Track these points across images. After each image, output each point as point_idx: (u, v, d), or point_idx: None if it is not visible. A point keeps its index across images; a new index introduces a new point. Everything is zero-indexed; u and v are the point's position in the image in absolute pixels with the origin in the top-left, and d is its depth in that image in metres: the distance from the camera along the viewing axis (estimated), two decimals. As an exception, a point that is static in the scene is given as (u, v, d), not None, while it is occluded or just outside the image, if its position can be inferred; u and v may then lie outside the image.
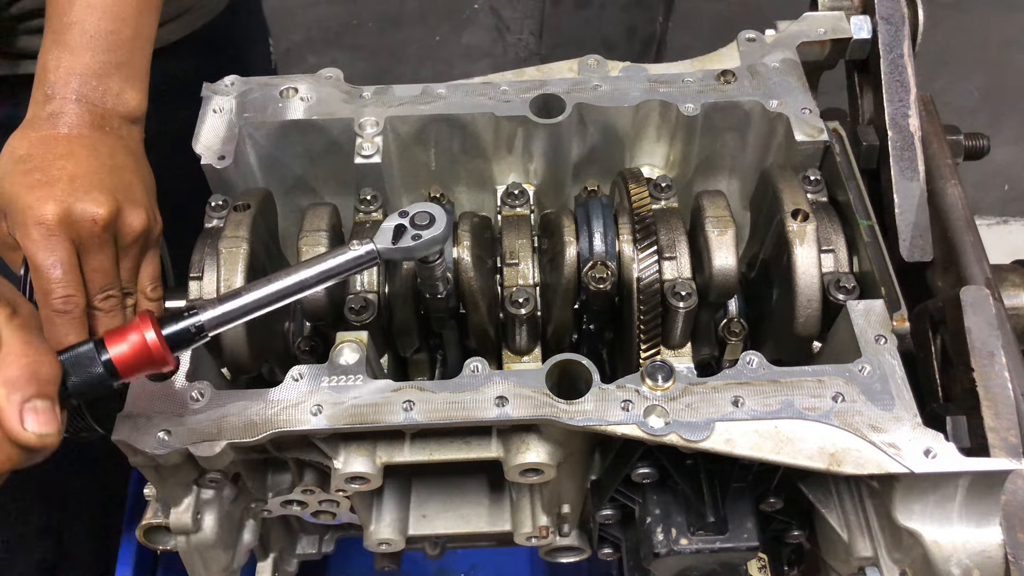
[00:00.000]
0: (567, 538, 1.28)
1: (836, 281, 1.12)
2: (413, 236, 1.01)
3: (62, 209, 1.02)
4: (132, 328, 0.88)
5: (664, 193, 1.21)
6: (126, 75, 1.14)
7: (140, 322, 0.89)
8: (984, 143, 1.41)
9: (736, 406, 0.99)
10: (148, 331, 0.88)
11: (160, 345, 0.88)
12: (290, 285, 0.95)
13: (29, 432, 0.78)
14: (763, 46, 1.35)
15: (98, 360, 0.86)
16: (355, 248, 0.98)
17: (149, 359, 0.88)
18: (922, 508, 0.98)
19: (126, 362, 0.87)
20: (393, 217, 1.02)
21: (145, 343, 0.87)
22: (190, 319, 0.91)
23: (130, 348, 0.87)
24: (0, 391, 0.77)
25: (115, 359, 0.87)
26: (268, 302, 0.95)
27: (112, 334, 0.88)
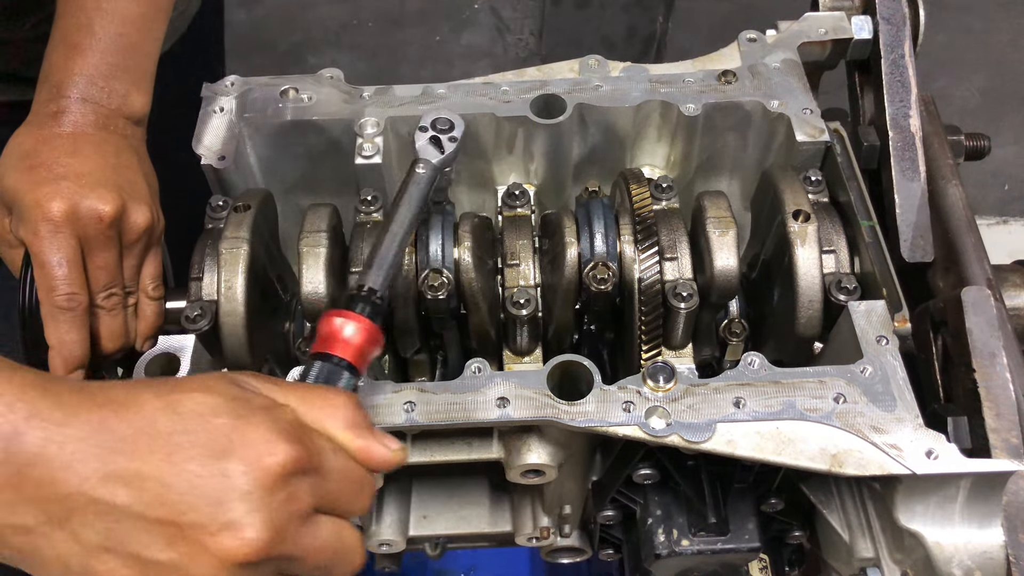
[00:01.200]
0: (568, 539, 1.28)
1: (837, 282, 1.11)
2: (450, 139, 1.08)
3: (68, 206, 1.03)
4: (332, 327, 0.88)
5: (665, 193, 1.21)
6: (132, 78, 1.14)
7: (336, 316, 0.88)
8: (985, 143, 1.41)
9: (738, 407, 0.99)
10: (352, 319, 0.88)
11: (373, 324, 0.89)
12: (408, 227, 1.01)
13: (397, 450, 0.81)
14: (764, 46, 1.35)
15: (341, 369, 0.87)
16: (421, 171, 1.05)
17: (372, 341, 0.89)
18: (924, 509, 0.98)
19: (359, 355, 0.88)
20: (420, 135, 1.08)
21: (365, 330, 0.88)
22: (370, 294, 0.93)
23: (354, 341, 0.88)
24: (348, 435, 0.78)
25: (349, 359, 0.87)
26: (403, 249, 1.00)
27: (322, 343, 0.88)
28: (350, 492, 0.77)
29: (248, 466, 0.69)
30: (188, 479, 0.68)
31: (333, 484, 0.75)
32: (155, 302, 1.14)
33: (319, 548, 0.74)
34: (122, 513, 0.68)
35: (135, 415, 0.70)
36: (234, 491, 0.68)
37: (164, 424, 0.70)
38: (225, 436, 0.70)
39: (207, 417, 0.71)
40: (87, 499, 0.68)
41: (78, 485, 0.68)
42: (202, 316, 1.10)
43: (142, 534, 0.68)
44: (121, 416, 0.70)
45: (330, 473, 0.75)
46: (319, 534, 0.74)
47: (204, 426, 0.70)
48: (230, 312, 1.10)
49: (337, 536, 0.76)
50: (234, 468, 0.69)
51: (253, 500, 0.68)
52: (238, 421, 0.71)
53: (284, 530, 0.70)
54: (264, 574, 0.71)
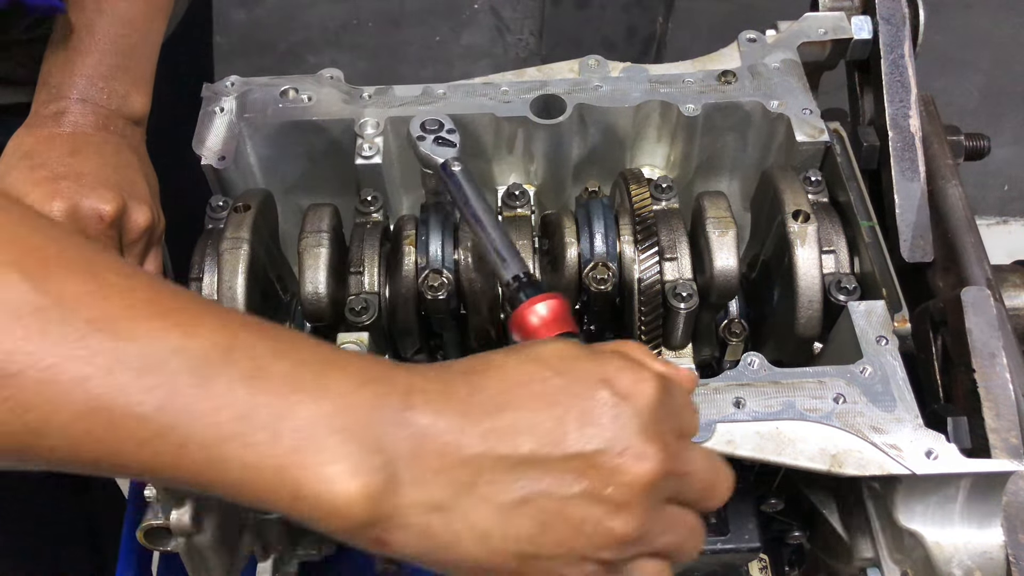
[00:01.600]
0: (568, 539, 1.28)
1: (837, 282, 1.12)
2: (449, 131, 1.10)
3: (69, 205, 1.03)
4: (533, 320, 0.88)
5: (665, 194, 1.21)
6: (132, 78, 1.14)
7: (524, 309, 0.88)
8: (985, 143, 1.41)
9: (737, 407, 0.99)
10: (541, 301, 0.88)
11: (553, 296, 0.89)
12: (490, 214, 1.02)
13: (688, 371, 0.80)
14: (764, 46, 1.35)
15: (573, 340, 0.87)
16: (457, 167, 1.06)
17: (565, 305, 0.90)
18: (923, 509, 0.98)
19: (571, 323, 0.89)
20: (423, 144, 1.09)
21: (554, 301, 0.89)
22: (523, 279, 0.93)
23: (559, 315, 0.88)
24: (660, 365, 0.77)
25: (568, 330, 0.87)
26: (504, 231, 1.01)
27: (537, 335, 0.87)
28: (692, 411, 0.77)
29: (629, 391, 0.70)
30: (581, 412, 0.69)
31: (683, 405, 0.76)
32: (155, 302, 1.14)
33: (700, 467, 0.74)
34: (529, 462, 0.67)
35: (503, 373, 0.71)
36: (625, 415, 0.69)
37: (537, 373, 0.70)
38: (597, 370, 0.71)
39: (571, 360, 0.72)
40: (492, 458, 0.67)
41: (480, 445, 0.67)
42: (202, 316, 1.10)
43: (553, 476, 0.68)
44: (490, 376, 0.70)
45: (678, 396, 0.75)
46: (694, 454, 0.74)
47: (573, 367, 0.71)
48: (230, 312, 1.09)
49: (706, 455, 0.76)
50: (619, 393, 0.70)
51: (644, 420, 0.69)
52: (599, 360, 0.72)
53: (671, 447, 0.71)
54: (665, 491, 0.71)
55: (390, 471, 0.65)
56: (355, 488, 0.64)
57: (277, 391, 0.65)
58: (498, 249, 0.98)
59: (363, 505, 0.65)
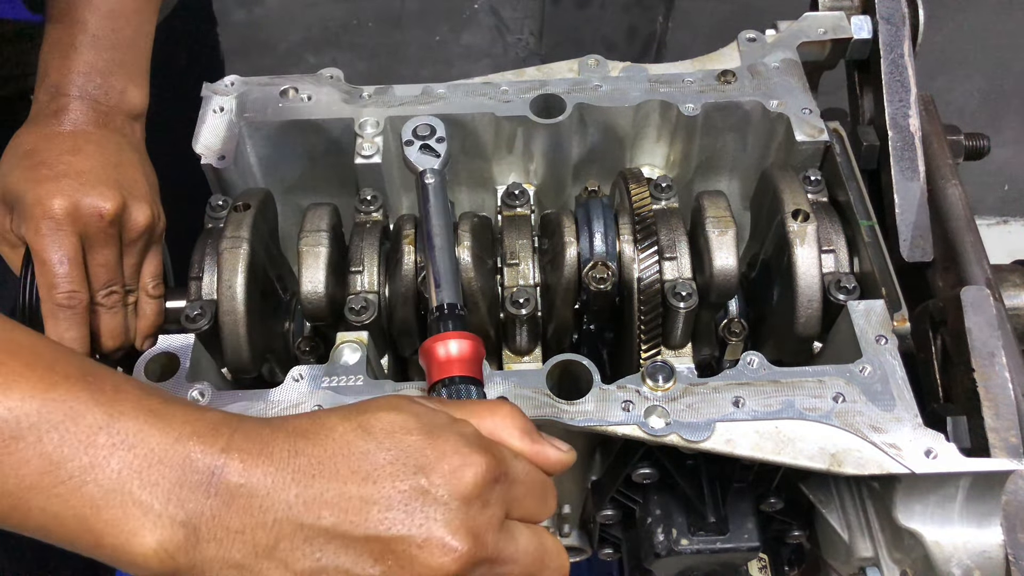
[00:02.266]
0: (568, 538, 1.28)
1: (837, 281, 1.12)
2: (438, 141, 1.10)
3: (70, 203, 1.03)
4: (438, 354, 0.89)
5: (664, 193, 1.21)
6: (129, 73, 1.14)
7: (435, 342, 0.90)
8: (984, 143, 1.41)
9: (737, 406, 0.99)
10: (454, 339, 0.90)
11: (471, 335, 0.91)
12: (447, 233, 1.03)
13: (567, 452, 0.81)
14: (763, 46, 1.35)
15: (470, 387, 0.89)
16: (431, 180, 1.07)
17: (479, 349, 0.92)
18: (923, 508, 0.98)
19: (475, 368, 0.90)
20: (409, 149, 1.10)
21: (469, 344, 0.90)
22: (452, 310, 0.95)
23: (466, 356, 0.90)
24: (524, 441, 0.79)
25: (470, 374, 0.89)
26: (453, 257, 1.02)
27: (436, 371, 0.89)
28: (536, 496, 0.77)
29: (446, 479, 0.70)
30: (389, 495, 0.69)
31: (520, 489, 0.76)
32: (155, 301, 1.15)
33: (522, 553, 0.74)
34: (329, 535, 0.68)
35: (327, 439, 0.71)
36: (435, 504, 0.69)
37: (359, 445, 0.71)
38: (420, 452, 0.71)
39: (399, 435, 0.72)
40: (293, 525, 0.68)
41: (284, 512, 0.68)
42: (202, 315, 1.10)
43: (350, 553, 0.68)
44: (314, 441, 0.71)
45: (516, 479, 0.75)
46: (519, 540, 0.74)
47: (398, 444, 0.71)
48: (230, 311, 1.10)
49: (537, 541, 0.76)
50: (433, 482, 0.70)
51: (452, 511, 0.69)
52: (429, 437, 0.72)
53: (484, 538, 0.70)
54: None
55: (191, 528, 0.67)
56: (152, 543, 0.67)
57: (89, 442, 0.68)
58: (437, 273, 0.99)
59: (160, 559, 0.67)
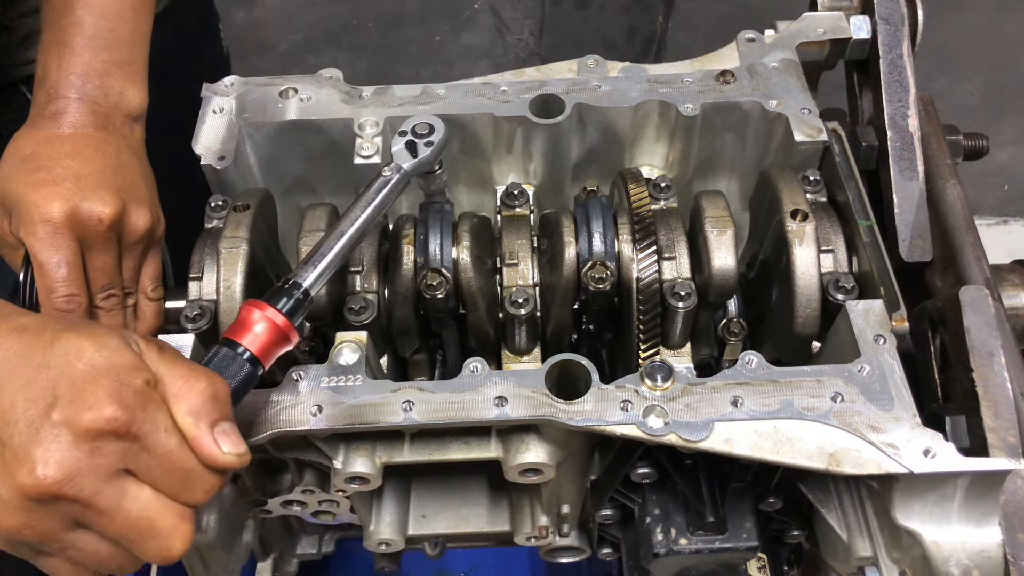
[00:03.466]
0: (567, 538, 1.28)
1: (835, 281, 1.12)
2: (426, 144, 1.10)
3: (68, 207, 1.03)
4: (248, 317, 0.90)
5: (663, 193, 1.21)
6: (127, 73, 1.14)
7: (254, 307, 0.91)
8: (983, 143, 1.41)
9: (735, 406, 0.99)
10: (268, 312, 0.91)
11: (287, 321, 0.91)
12: (358, 228, 1.01)
13: (228, 454, 0.81)
14: (762, 46, 1.35)
15: (241, 358, 0.89)
16: (388, 175, 1.05)
17: (282, 337, 0.91)
18: (921, 508, 0.98)
19: (264, 348, 0.90)
20: (397, 139, 1.09)
21: (275, 325, 0.90)
22: (294, 288, 0.94)
23: (263, 334, 0.90)
24: (188, 421, 0.80)
25: (254, 350, 0.89)
26: (346, 250, 1.00)
27: (233, 330, 0.90)
28: (172, 474, 0.78)
29: (66, 413, 0.74)
30: (20, 408, 0.74)
31: (154, 460, 0.78)
32: (154, 303, 1.15)
33: (120, 512, 0.76)
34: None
35: (30, 339, 0.77)
36: (45, 431, 0.74)
37: (41, 353, 0.77)
38: (68, 381, 0.75)
39: (70, 360, 0.76)
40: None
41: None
42: (201, 316, 1.10)
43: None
44: (22, 338, 0.78)
45: (154, 448, 0.77)
46: (123, 499, 0.77)
47: (63, 368, 0.76)
48: (229, 312, 1.10)
49: (147, 509, 0.78)
50: (56, 412, 0.74)
51: (57, 442, 0.73)
52: (88, 372, 0.76)
53: (78, 477, 0.74)
54: (59, 515, 0.75)
55: None
56: None
57: None
58: (318, 252, 0.98)
59: None
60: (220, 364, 0.88)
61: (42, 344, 0.77)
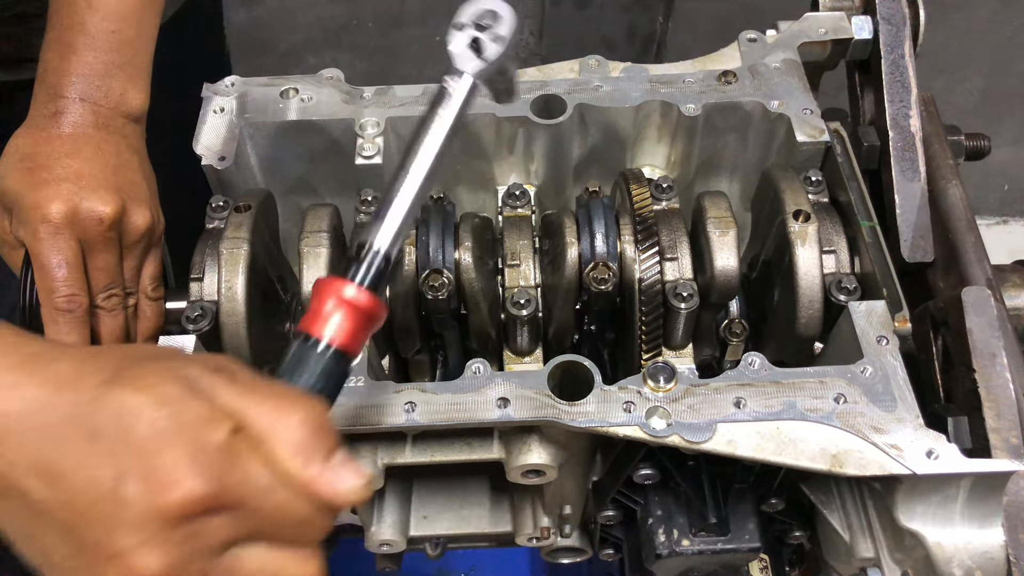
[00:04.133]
0: (568, 539, 1.28)
1: (837, 282, 1.12)
2: (494, 39, 0.83)
3: (68, 207, 1.03)
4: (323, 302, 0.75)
5: (665, 194, 1.21)
6: (129, 75, 1.14)
7: (328, 288, 0.76)
8: (985, 144, 1.41)
9: (738, 407, 0.99)
10: (347, 290, 0.75)
11: (371, 296, 0.76)
12: (430, 166, 0.82)
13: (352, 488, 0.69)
14: (764, 46, 1.35)
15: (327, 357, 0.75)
16: (452, 85, 0.84)
17: (368, 319, 0.77)
18: (924, 509, 0.98)
19: (352, 337, 0.75)
20: (456, 36, 0.84)
21: (355, 305, 0.75)
22: (370, 255, 0.78)
23: (346, 319, 0.75)
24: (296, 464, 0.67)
25: (339, 343, 0.75)
26: (420, 193, 0.81)
27: (310, 319, 0.75)
28: (288, 527, 0.68)
29: (148, 494, 0.62)
30: (94, 490, 0.62)
31: (265, 519, 0.67)
32: (155, 303, 1.15)
33: None
34: (39, 508, 0.63)
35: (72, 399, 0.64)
36: (130, 518, 0.62)
37: (89, 417, 0.63)
38: (137, 451, 0.63)
39: (129, 422, 0.63)
40: (10, 485, 0.63)
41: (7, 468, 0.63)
42: (202, 316, 1.10)
43: (54, 534, 0.64)
44: (61, 396, 0.64)
45: (260, 508, 0.66)
46: (241, 568, 0.67)
47: (122, 434, 0.63)
48: (231, 312, 1.10)
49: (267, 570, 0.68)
50: (134, 492, 0.62)
51: (148, 531, 0.62)
52: (158, 436, 0.63)
53: (184, 565, 0.63)
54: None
55: None
56: None
57: None
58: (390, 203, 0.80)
59: None
60: (303, 371, 0.74)
61: (87, 404, 0.64)
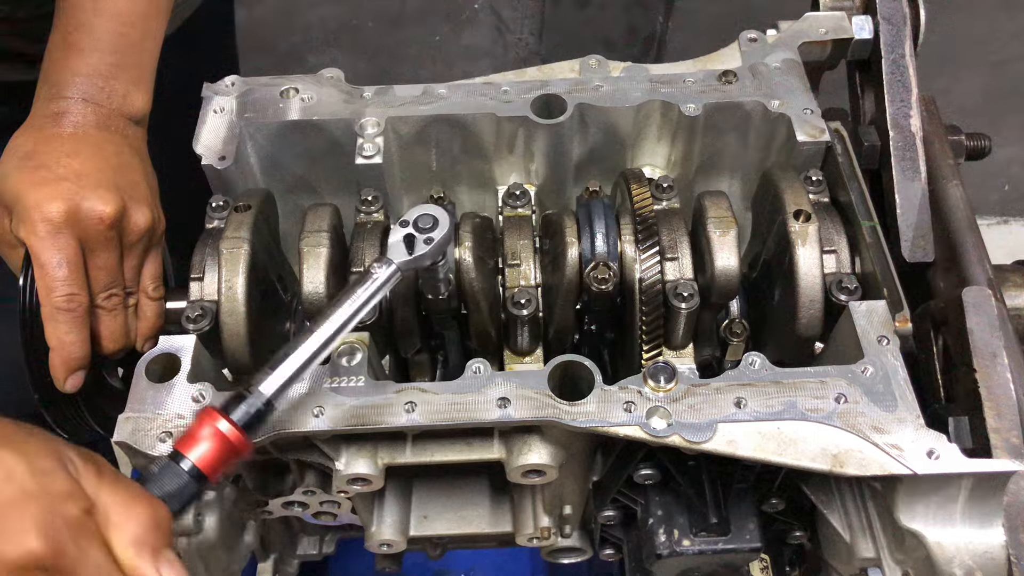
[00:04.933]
0: (569, 539, 1.28)
1: (838, 282, 1.11)
2: (425, 240, 1.02)
3: (69, 207, 1.02)
4: (200, 427, 0.87)
5: (666, 193, 1.21)
6: (132, 77, 1.14)
7: (208, 418, 0.88)
8: (985, 143, 1.41)
9: (739, 407, 0.99)
10: (220, 424, 0.87)
11: (241, 435, 0.88)
12: (333, 332, 0.96)
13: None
14: (764, 46, 1.35)
15: (185, 475, 0.85)
16: (377, 271, 1.00)
17: (233, 452, 0.88)
18: (925, 509, 0.98)
19: (213, 464, 0.87)
20: (396, 229, 1.03)
21: (226, 439, 0.87)
22: (254, 398, 0.91)
23: (213, 448, 0.87)
24: (128, 553, 0.76)
25: (199, 465, 0.86)
26: (315, 355, 0.95)
27: (185, 440, 0.87)
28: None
29: None
30: None
31: None
32: (155, 302, 1.14)
33: None
34: None
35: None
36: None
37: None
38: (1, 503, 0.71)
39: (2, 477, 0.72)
40: None
41: None
42: (203, 316, 1.10)
43: None
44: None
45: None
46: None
47: None
48: (231, 312, 1.10)
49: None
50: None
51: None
52: (17, 498, 0.72)
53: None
54: None
55: None
56: None
57: None
58: (287, 357, 0.94)
59: None
60: (162, 481, 0.85)
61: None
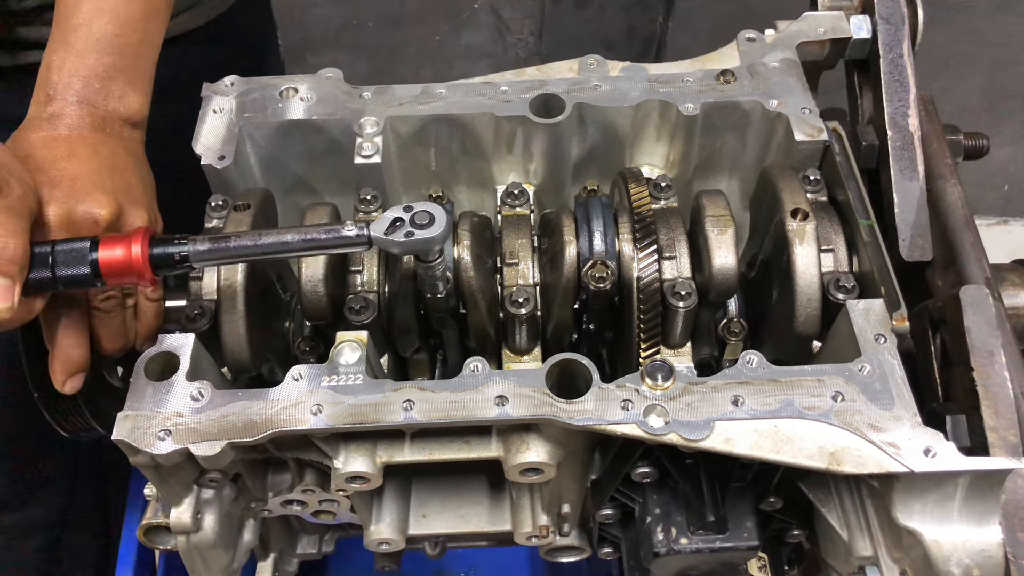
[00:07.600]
0: (567, 537, 1.28)
1: (836, 280, 1.12)
2: (406, 233, 1.01)
3: (64, 210, 1.02)
4: (126, 238, 0.96)
5: (664, 193, 1.21)
6: (130, 78, 1.14)
7: (134, 235, 0.96)
8: (984, 143, 1.41)
9: (736, 405, 0.99)
10: (136, 245, 0.96)
11: (143, 260, 0.96)
12: (275, 242, 0.99)
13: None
14: (763, 46, 1.35)
15: (87, 259, 0.94)
16: (348, 228, 1.00)
17: (131, 271, 0.96)
18: (922, 507, 0.98)
19: (111, 267, 0.95)
20: (397, 209, 1.03)
21: (131, 255, 0.95)
22: (178, 246, 0.97)
23: (119, 256, 0.95)
24: None
25: (102, 262, 0.95)
26: (253, 252, 0.99)
27: (108, 240, 0.96)
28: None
29: None
30: None
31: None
32: (154, 303, 1.14)
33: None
34: None
35: None
36: None
37: None
38: None
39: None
40: None
41: None
42: (202, 315, 1.10)
43: None
44: None
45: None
46: None
47: None
48: (230, 311, 1.10)
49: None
50: None
51: None
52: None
53: None
54: None
55: None
56: None
57: None
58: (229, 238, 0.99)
59: None
60: (69, 253, 0.94)
61: None
